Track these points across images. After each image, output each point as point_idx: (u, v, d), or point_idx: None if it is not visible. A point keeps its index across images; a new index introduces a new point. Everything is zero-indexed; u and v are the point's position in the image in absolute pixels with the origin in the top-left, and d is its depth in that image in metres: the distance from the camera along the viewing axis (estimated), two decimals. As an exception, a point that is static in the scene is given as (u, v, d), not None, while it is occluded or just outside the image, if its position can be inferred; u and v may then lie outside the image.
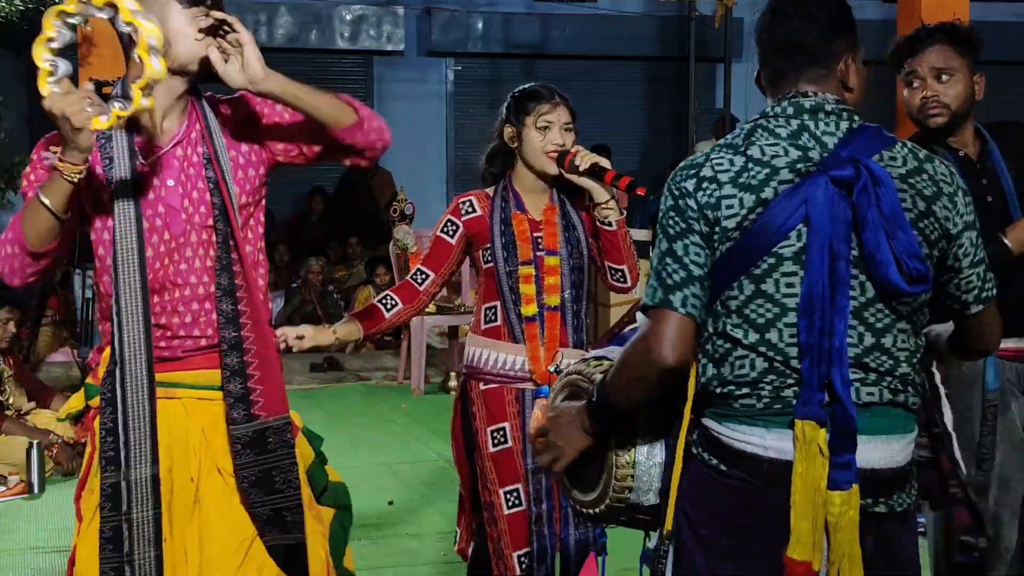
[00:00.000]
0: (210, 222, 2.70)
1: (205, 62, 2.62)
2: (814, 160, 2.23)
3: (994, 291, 2.39)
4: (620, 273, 3.55)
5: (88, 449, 2.77)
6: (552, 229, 3.57)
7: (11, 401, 6.64)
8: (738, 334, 2.24)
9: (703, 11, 11.11)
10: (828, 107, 2.29)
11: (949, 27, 3.45)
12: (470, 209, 3.61)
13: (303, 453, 2.83)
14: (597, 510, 2.44)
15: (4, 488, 6.20)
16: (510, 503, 3.52)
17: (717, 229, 2.22)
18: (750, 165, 2.23)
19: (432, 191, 12.84)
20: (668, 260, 2.24)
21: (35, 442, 6.18)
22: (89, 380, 2.80)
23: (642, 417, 2.37)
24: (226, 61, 2.60)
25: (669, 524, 2.33)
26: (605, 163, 3.46)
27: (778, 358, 2.22)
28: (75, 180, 2.50)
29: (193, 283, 2.71)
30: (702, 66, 11.72)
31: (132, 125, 2.65)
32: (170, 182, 2.68)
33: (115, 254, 2.64)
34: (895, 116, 10.06)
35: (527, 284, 3.54)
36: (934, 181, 2.28)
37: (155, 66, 2.44)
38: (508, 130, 3.58)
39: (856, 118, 2.31)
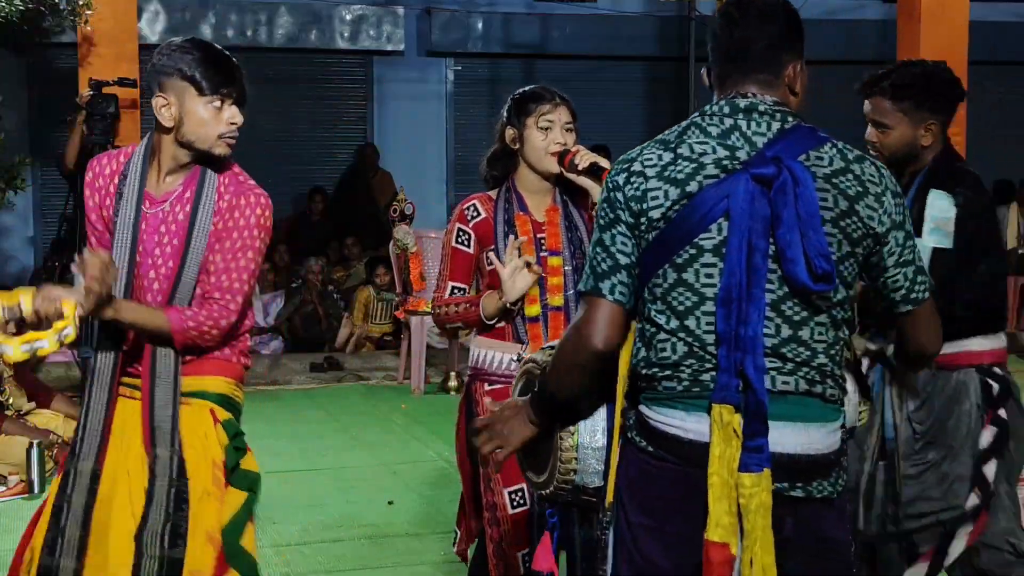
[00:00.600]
0: (170, 269, 3.12)
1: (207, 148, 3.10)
2: (741, 159, 2.31)
3: (926, 293, 2.46)
4: None
5: None
6: (555, 229, 3.58)
7: (11, 401, 6.65)
8: (660, 320, 2.34)
9: (703, 11, 11.12)
10: (762, 108, 2.37)
11: (894, 77, 3.58)
12: (475, 214, 3.61)
13: (221, 440, 3.18)
14: (547, 491, 2.58)
15: (4, 488, 6.21)
16: (514, 503, 3.53)
17: (643, 220, 2.33)
18: (678, 161, 2.33)
19: (432, 191, 12.85)
20: (598, 249, 2.38)
21: (35, 442, 6.18)
22: None
23: (586, 401, 2.48)
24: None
25: (610, 497, 2.42)
26: (604, 163, 3.47)
27: (696, 344, 2.31)
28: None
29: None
30: (702, 66, 11.70)
31: (141, 177, 3.14)
32: (152, 230, 3.13)
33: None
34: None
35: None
36: (860, 181, 2.34)
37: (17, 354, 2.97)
38: (510, 132, 3.58)
39: (790, 119, 2.38)
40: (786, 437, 2.29)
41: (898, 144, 3.56)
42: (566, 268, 3.56)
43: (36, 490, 6.12)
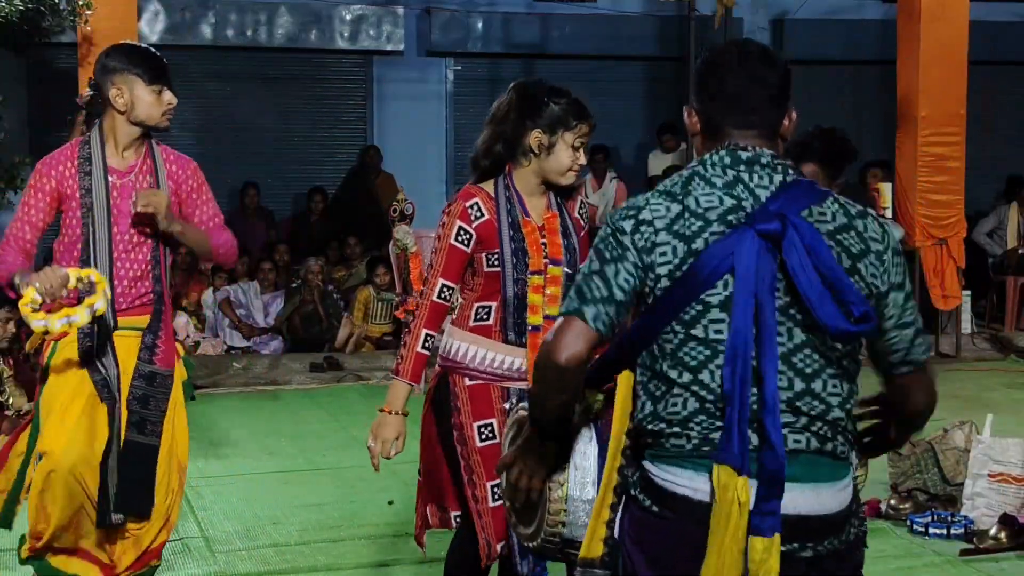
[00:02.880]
0: (147, 229, 4.04)
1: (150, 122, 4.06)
2: (746, 211, 2.28)
3: (925, 355, 2.40)
4: None
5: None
6: (555, 237, 3.53)
7: (11, 401, 6.65)
8: (673, 375, 2.29)
9: (703, 11, 11.11)
10: (764, 160, 2.34)
11: (818, 144, 4.24)
12: (479, 214, 3.52)
13: (180, 372, 4.22)
14: (535, 544, 2.55)
15: (4, 488, 6.19)
16: (495, 496, 3.52)
17: (651, 274, 2.29)
18: (686, 214, 2.29)
19: (432, 191, 12.83)
20: (595, 279, 2.32)
21: (35, 442, 6.17)
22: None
23: (576, 452, 2.47)
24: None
25: (596, 552, 2.37)
26: None
27: (710, 397, 2.26)
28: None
29: (133, 264, 4.05)
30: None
31: (103, 154, 4.04)
32: (125, 196, 4.04)
33: (93, 238, 3.98)
34: (895, 115, 10.07)
35: (536, 294, 3.50)
36: (862, 239, 2.31)
37: (85, 316, 3.77)
38: (537, 136, 3.47)
39: (791, 172, 2.34)
40: (796, 499, 2.24)
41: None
42: (564, 279, 3.52)
43: (36, 490, 6.11)
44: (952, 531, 5.31)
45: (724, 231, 2.27)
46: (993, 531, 5.20)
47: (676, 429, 2.28)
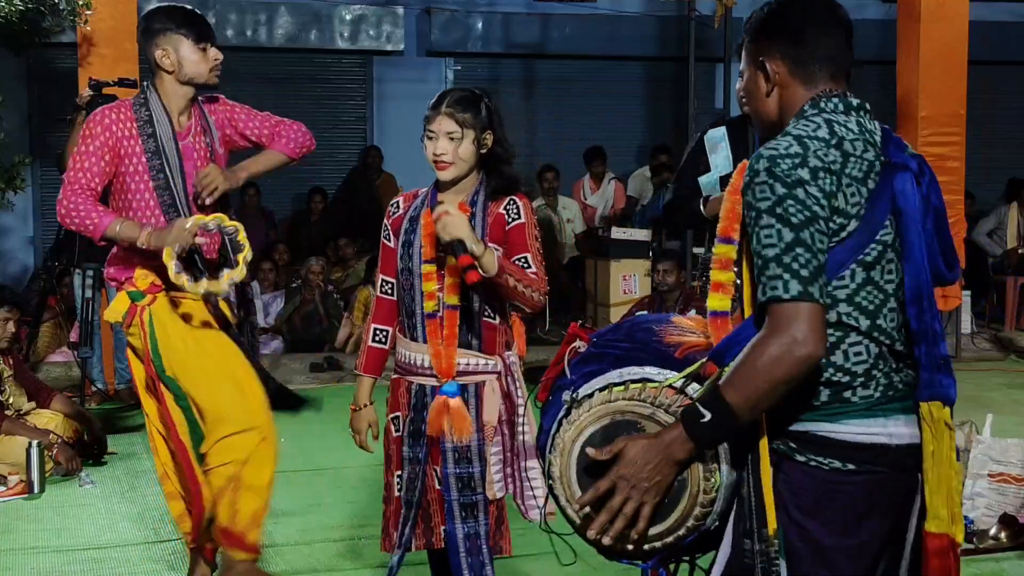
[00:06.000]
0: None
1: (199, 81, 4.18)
2: (879, 156, 2.34)
3: None
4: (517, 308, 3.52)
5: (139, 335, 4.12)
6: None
7: (11, 401, 6.64)
8: (852, 321, 2.29)
9: (703, 11, 11.11)
10: (867, 106, 2.42)
11: None
12: (395, 209, 3.68)
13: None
14: (664, 542, 2.31)
15: (4, 488, 6.20)
16: (398, 487, 3.71)
17: (836, 218, 2.26)
18: (851, 157, 2.30)
19: (432, 191, 12.82)
20: (799, 250, 2.18)
21: (35, 442, 6.18)
22: (130, 288, 4.09)
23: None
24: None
25: (773, 524, 2.28)
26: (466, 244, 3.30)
27: (887, 342, 2.30)
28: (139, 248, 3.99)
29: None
30: (702, 66, 11.70)
31: (167, 116, 4.11)
32: (187, 158, 4.13)
33: (176, 201, 4.05)
34: (895, 115, 10.07)
35: (429, 282, 3.49)
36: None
37: (243, 271, 3.96)
38: (490, 136, 3.62)
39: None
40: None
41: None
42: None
43: (35, 490, 6.11)
44: (952, 531, 5.31)
45: (879, 172, 2.31)
46: (993, 531, 5.20)
47: (861, 380, 2.29)
